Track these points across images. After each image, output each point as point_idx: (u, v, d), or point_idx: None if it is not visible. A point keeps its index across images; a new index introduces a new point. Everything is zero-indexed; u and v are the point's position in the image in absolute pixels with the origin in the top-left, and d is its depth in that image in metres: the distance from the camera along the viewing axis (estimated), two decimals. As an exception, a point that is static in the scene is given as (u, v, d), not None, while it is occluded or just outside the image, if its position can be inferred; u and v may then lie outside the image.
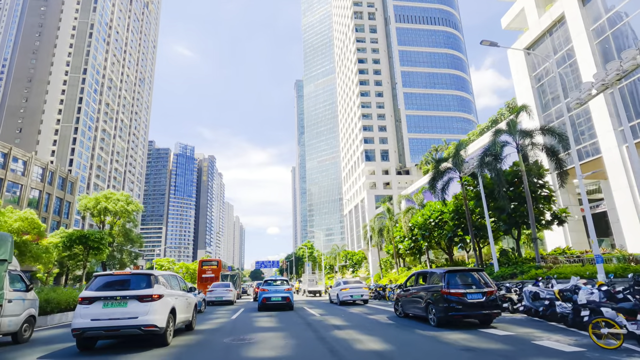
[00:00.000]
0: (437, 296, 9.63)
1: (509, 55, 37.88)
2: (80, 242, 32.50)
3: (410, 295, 11.23)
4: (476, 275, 9.95)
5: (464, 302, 9.16)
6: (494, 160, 19.32)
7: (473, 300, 9.18)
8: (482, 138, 38.40)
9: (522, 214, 20.65)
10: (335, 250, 77.75)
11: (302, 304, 22.55)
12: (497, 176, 19.13)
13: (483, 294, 9.26)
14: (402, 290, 12.01)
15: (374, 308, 17.30)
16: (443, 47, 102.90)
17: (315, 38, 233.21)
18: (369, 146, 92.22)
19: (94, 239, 32.77)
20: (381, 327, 10.14)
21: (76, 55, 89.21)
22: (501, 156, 19.33)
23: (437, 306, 9.58)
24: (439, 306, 9.48)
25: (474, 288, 9.42)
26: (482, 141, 37.93)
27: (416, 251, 32.91)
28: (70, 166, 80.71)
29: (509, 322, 10.38)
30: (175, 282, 9.79)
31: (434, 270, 10.52)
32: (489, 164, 20.59)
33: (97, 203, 55.27)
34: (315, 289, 31.87)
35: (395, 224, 38.63)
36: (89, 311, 7.44)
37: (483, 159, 20.47)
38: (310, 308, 18.00)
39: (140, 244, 60.53)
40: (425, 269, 13.16)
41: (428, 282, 10.46)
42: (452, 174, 26.25)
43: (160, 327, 7.67)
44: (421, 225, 28.39)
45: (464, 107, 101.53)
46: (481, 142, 38.16)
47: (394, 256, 42.05)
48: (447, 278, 9.59)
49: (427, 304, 10.07)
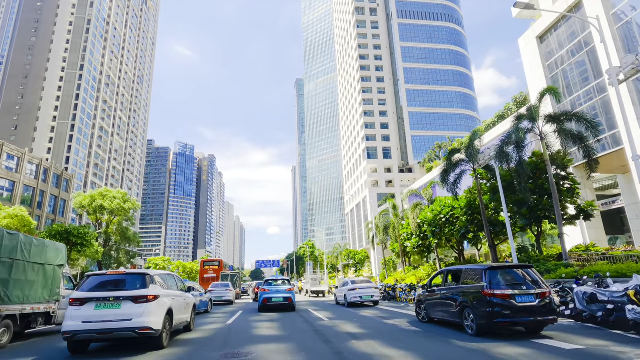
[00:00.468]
0: (476, 298, 7.94)
1: (520, 45, 36.21)
2: (62, 238, 30.10)
3: (438, 297, 9.56)
4: (523, 273, 8.24)
5: (512, 306, 7.46)
6: (515, 149, 17.63)
7: (524, 303, 7.48)
8: (495, 129, 36.66)
9: (544, 208, 18.99)
10: (337, 249, 76.08)
11: (306, 305, 20.91)
12: (519, 166, 17.45)
13: (535, 296, 7.59)
14: (425, 291, 10.31)
15: (387, 311, 15.65)
16: (445, 44, 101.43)
17: (316, 36, 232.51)
18: (371, 143, 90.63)
19: (77, 234, 29.65)
20: (407, 336, 8.53)
21: (73, 51, 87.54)
22: (523, 144, 17.62)
23: (476, 311, 7.87)
24: (480, 311, 7.77)
25: (524, 288, 7.73)
26: (496, 133, 36.28)
27: (424, 249, 31.24)
28: (66, 164, 79.08)
29: (560, 329, 8.73)
30: (172, 281, 9.40)
31: (471, 267, 8.79)
32: (506, 154, 18.96)
33: (92, 201, 53.69)
34: (319, 289, 30.12)
35: (402, 221, 36.97)
36: (81, 313, 7.09)
37: (502, 148, 18.79)
38: (316, 310, 16.37)
39: (137, 243, 58.94)
40: (458, 266, 11.30)
41: (461, 281, 8.80)
42: (464, 167, 24.61)
43: (156, 330, 7.28)
44: (431, 221, 26.73)
45: (467, 104, 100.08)
46: (494, 133, 36.51)
47: (399, 255, 40.43)
48: (489, 276, 7.89)
49: (461, 307, 8.40)
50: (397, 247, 39.55)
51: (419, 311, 10.70)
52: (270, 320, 12.29)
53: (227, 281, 39.24)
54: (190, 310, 10.34)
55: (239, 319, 13.48)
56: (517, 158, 17.61)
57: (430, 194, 31.33)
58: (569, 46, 30.94)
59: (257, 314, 14.84)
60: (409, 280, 32.38)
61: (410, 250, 32.04)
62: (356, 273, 63.74)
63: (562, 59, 31.83)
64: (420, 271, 33.65)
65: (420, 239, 31.10)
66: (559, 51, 31.96)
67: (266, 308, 16.49)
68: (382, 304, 19.21)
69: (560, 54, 31.87)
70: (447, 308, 8.94)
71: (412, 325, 10.05)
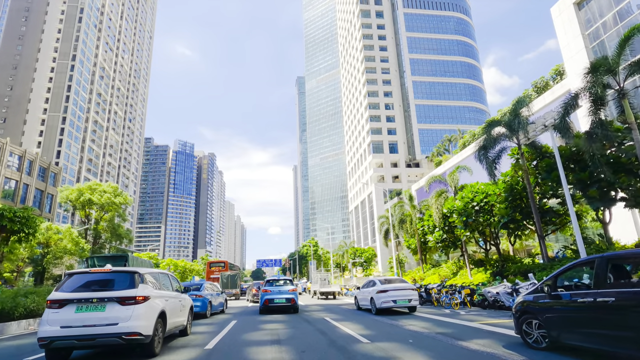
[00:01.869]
0: None
1: (553, 14, 32.16)
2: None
3: (586, 307, 5.37)
4: None
5: None
6: (593, 107, 13.57)
7: None
8: (541, 98, 32.38)
9: (622, 187, 14.97)
10: (343, 247, 72.02)
11: (318, 311, 16.85)
12: (600, 128, 13.41)
13: None
14: (545, 295, 6.20)
15: (439, 322, 11.17)
16: (453, 34, 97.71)
17: (317, 32, 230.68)
18: (377, 137, 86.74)
19: (12, 218, 19.56)
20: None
21: (65, 41, 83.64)
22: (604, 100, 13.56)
23: None
24: None
25: None
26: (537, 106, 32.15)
27: (449, 244, 27.20)
28: (57, 158, 75.21)
29: None
30: (166, 281, 8.58)
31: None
32: (566, 125, 14.99)
33: (80, 194, 49.73)
34: (329, 290, 25.83)
35: (420, 214, 32.91)
36: (59, 316, 6.30)
37: (567, 110, 14.78)
38: (336, 321, 12.10)
39: (130, 240, 54.94)
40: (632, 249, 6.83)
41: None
42: (505, 143, 20.65)
43: (146, 335, 6.50)
44: (461, 210, 22.69)
45: (475, 96, 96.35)
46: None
47: (415, 251, 36.47)
48: None
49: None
50: (413, 243, 35.60)
51: (527, 329, 6.62)
52: (273, 342, 8.12)
53: (225, 281, 35.62)
54: (187, 312, 9.40)
55: (228, 337, 9.19)
56: (596, 120, 13.58)
57: (456, 179, 27.19)
58: (616, 9, 26.92)
59: (252, 330, 10.59)
60: (429, 280, 28.35)
61: (433, 245, 27.98)
62: (364, 272, 59.72)
63: (605, 25, 27.79)
64: (442, 269, 29.64)
65: (444, 232, 27.12)
66: (602, 18, 27.95)
67: (268, 310, 15.47)
68: (420, 310, 14.89)
69: (604, 21, 27.84)
70: (615, 328, 4.87)
71: (520, 354, 6.05)
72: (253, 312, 17.11)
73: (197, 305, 13.99)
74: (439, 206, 26.12)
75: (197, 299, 14.28)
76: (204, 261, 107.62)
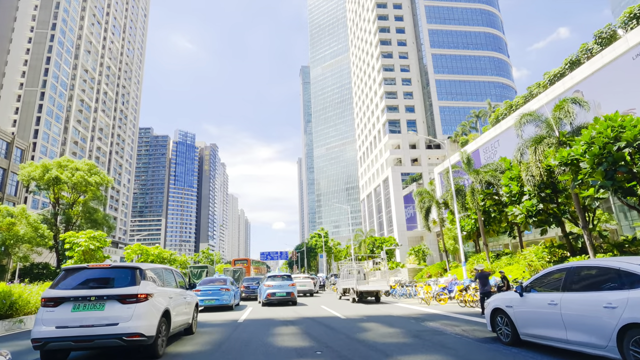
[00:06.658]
0: None
1: None
2: None
3: None
4: None
5: None
6: None
7: None
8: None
9: None
10: (359, 236, 62.97)
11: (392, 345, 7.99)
12: None
13: None
14: None
15: None
16: (474, 2, 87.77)
17: (322, 17, 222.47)
18: (393, 115, 77.25)
19: None
20: None
21: (44, 8, 74.68)
22: None
23: None
24: None
25: None
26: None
27: (549, 216, 17.95)
28: (35, 138, 66.60)
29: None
30: (170, 277, 8.04)
31: None
32: None
33: (45, 171, 41.00)
34: (371, 289, 16.29)
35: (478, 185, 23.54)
36: (54, 316, 5.84)
37: None
38: None
39: (109, 228, 46.11)
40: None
41: None
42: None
43: (149, 336, 6.04)
44: (597, 155, 13.52)
45: (501, 70, 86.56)
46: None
47: (470, 234, 27.32)
48: None
49: None
50: (469, 223, 26.48)
51: None
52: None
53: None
54: (192, 310, 8.94)
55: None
56: None
57: (572, 112, 17.57)
58: None
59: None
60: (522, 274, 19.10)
61: (521, 220, 18.68)
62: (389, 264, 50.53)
63: None
64: (531, 255, 19.83)
65: (540, 199, 17.96)
66: None
67: (271, 302, 17.51)
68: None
69: None
70: None
71: None
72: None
73: (225, 299, 15.98)
74: (538, 158, 16.87)
75: (226, 292, 16.08)
76: (205, 255, 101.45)
